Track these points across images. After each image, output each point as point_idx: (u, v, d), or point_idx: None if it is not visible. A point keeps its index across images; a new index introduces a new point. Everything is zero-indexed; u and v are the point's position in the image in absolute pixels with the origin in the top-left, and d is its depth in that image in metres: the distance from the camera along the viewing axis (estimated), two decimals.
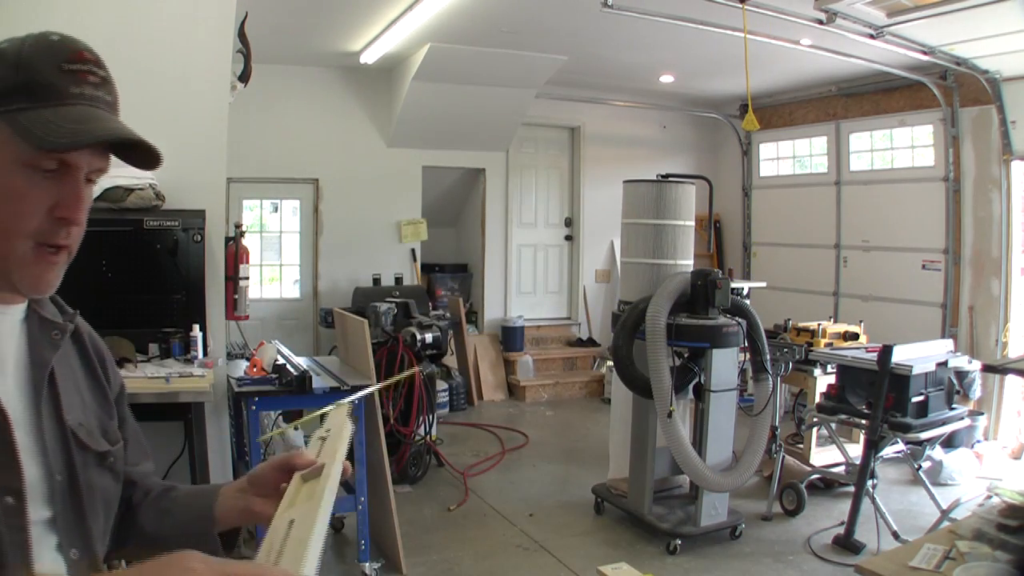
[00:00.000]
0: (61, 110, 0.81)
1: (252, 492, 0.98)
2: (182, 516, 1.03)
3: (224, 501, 1.01)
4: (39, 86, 0.81)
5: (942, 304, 6.15)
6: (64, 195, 0.84)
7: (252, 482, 0.99)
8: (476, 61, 6.05)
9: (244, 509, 0.99)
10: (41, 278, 0.85)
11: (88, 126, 0.81)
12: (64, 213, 0.84)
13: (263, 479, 0.97)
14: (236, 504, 1.00)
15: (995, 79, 5.51)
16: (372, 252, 6.90)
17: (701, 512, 3.86)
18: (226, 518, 1.01)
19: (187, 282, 3.40)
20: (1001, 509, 1.97)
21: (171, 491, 1.07)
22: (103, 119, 0.84)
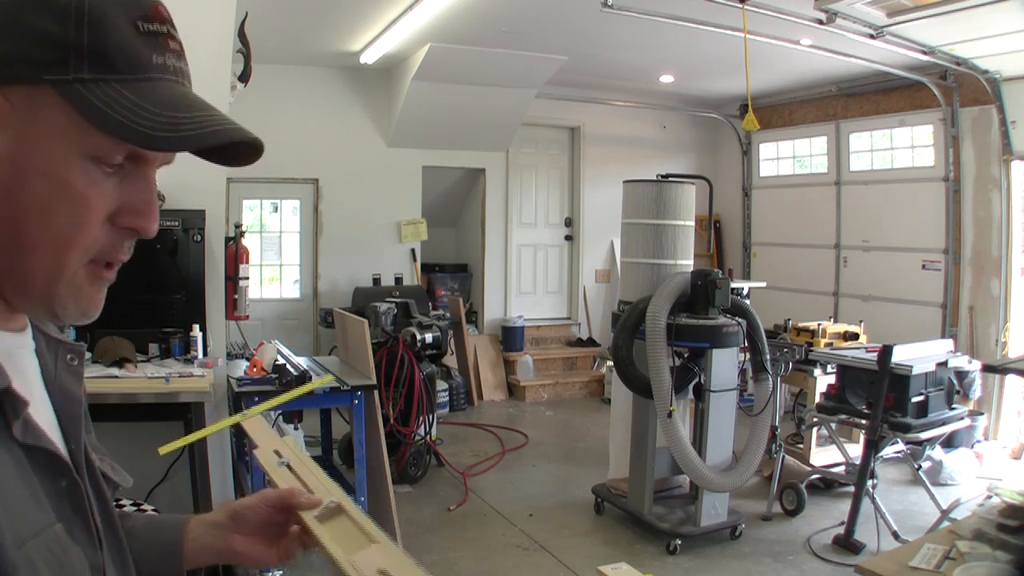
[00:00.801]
0: (144, 87, 0.60)
1: (234, 529, 0.86)
2: (141, 555, 0.82)
3: (196, 537, 0.86)
4: (112, 50, 0.59)
5: (942, 304, 6.15)
6: (133, 197, 0.64)
7: (236, 518, 0.86)
8: (476, 61, 6.05)
9: (224, 549, 0.86)
10: (92, 301, 0.66)
11: (194, 116, 0.61)
12: (134, 222, 0.64)
13: (251, 516, 0.86)
14: (212, 542, 0.86)
15: (995, 79, 5.51)
16: (372, 252, 6.90)
17: (701, 512, 3.86)
18: (196, 557, 0.87)
19: (187, 282, 3.40)
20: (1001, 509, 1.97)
21: (125, 520, 0.84)
22: (203, 107, 0.63)
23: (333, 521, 0.83)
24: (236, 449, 3.82)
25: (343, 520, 0.83)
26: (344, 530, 0.82)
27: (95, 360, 3.16)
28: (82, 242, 0.62)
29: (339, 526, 0.82)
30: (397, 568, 0.73)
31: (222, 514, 0.88)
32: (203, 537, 0.87)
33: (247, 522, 0.86)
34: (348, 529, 0.82)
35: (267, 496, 0.86)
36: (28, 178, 0.59)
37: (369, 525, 0.80)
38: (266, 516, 0.86)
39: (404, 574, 0.72)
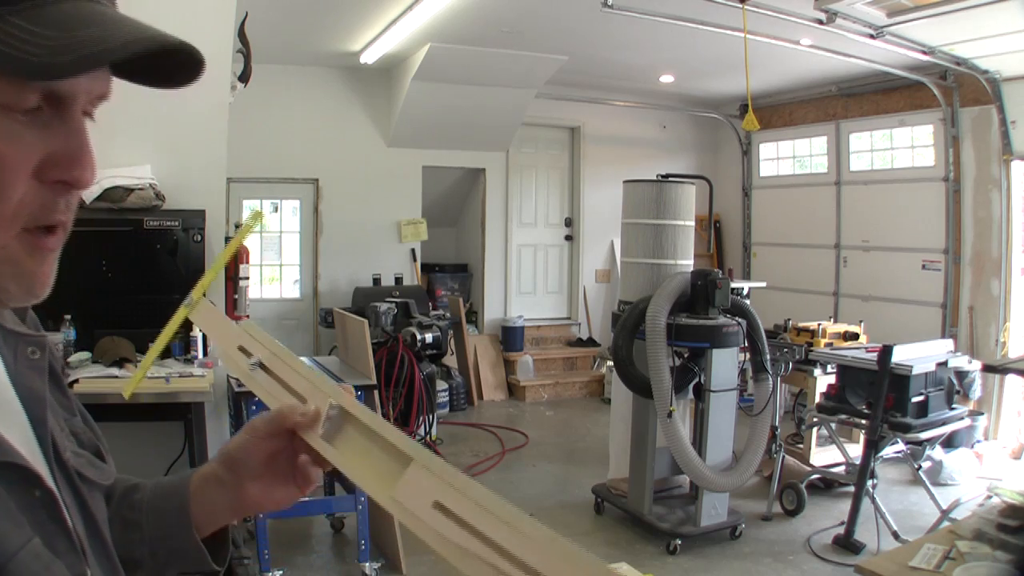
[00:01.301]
0: (43, 13, 0.49)
1: (237, 478, 0.73)
2: (153, 529, 0.74)
3: (202, 499, 0.75)
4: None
5: (942, 304, 6.15)
6: (60, 146, 0.53)
7: (234, 466, 0.73)
8: (476, 61, 6.05)
9: (234, 503, 0.74)
10: (38, 275, 0.55)
11: (99, 32, 0.50)
12: (65, 174, 0.53)
13: (249, 458, 0.72)
14: (220, 500, 0.74)
15: (995, 79, 5.51)
16: (372, 252, 6.90)
17: (701, 512, 3.86)
18: (212, 519, 0.75)
19: (187, 282, 3.39)
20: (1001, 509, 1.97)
21: (134, 493, 0.76)
22: (115, 21, 0.52)
23: (344, 436, 0.69)
24: None
25: (355, 430, 0.69)
26: (361, 447, 0.67)
27: (95, 360, 3.16)
28: (6, 210, 0.51)
29: (354, 442, 0.68)
30: (449, 492, 0.59)
31: (219, 465, 0.74)
32: (210, 496, 0.75)
33: (248, 466, 0.72)
34: (365, 446, 0.67)
35: (255, 428, 0.72)
36: None
37: (388, 429, 0.66)
38: (265, 451, 0.71)
39: (461, 501, 0.58)
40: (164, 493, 0.76)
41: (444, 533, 0.58)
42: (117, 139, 3.31)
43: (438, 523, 0.58)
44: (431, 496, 0.59)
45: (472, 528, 0.57)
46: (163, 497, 0.75)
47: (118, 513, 0.74)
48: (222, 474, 0.74)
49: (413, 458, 0.62)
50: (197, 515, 0.74)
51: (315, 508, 3.72)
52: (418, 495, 0.60)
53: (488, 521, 0.57)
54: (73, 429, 0.67)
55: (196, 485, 0.75)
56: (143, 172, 3.32)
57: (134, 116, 3.35)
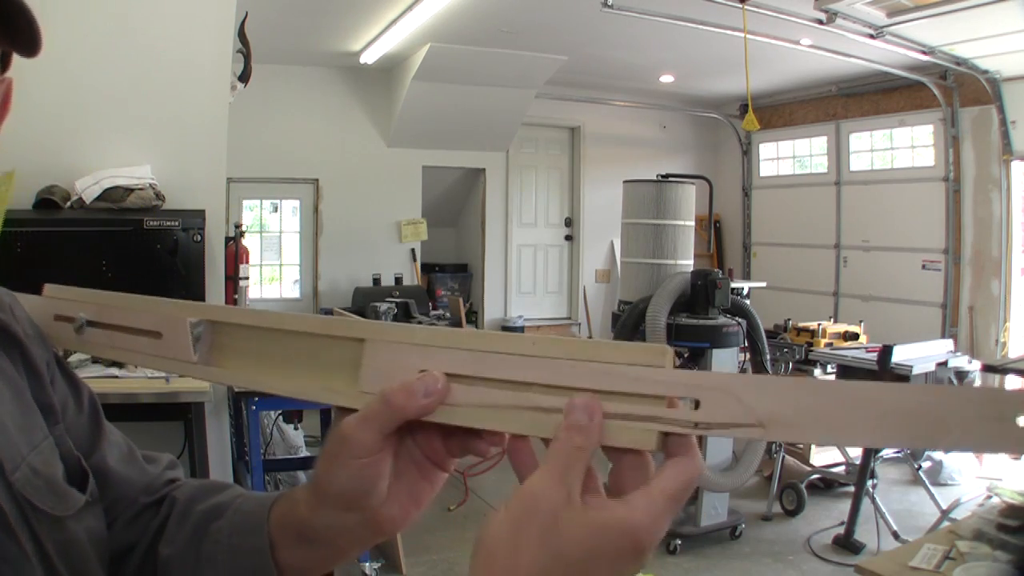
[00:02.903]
0: None
1: (365, 511, 0.53)
2: (234, 569, 0.59)
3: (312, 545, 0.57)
4: None
5: (942, 304, 6.15)
6: None
7: (352, 504, 0.52)
8: (476, 61, 6.05)
9: (369, 534, 0.55)
10: None
11: None
12: None
13: (372, 487, 0.52)
14: (345, 544, 0.57)
15: (995, 79, 5.51)
16: (372, 252, 6.90)
17: (701, 512, 3.86)
18: (328, 561, 0.60)
19: (187, 282, 3.40)
20: (1001, 509, 1.97)
21: (213, 520, 0.62)
22: None
23: (243, 351, 0.57)
24: (236, 450, 3.83)
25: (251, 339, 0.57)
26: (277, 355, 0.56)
27: (95, 360, 3.16)
28: None
29: (261, 354, 0.56)
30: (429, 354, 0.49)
31: (334, 510, 0.53)
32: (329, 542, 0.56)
33: (376, 495, 0.52)
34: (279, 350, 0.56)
35: (360, 445, 0.49)
36: None
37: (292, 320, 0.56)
38: (386, 466, 0.52)
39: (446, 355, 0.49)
40: (245, 526, 0.60)
41: (461, 401, 0.48)
42: (117, 139, 3.31)
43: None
44: (410, 370, 0.49)
45: (489, 380, 0.48)
46: (243, 533, 0.60)
47: (195, 541, 0.62)
48: (337, 519, 0.54)
49: (363, 338, 0.52)
50: (291, 559, 0.58)
51: None
52: (392, 375, 0.49)
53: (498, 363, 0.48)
54: (57, 440, 0.60)
55: (292, 529, 0.57)
56: (143, 172, 3.31)
57: (134, 116, 3.35)
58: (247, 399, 3.30)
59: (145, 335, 0.61)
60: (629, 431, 0.46)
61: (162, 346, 0.60)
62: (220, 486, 0.68)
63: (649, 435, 0.46)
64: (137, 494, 0.67)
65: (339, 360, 0.53)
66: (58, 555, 0.55)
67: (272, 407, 3.83)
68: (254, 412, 3.31)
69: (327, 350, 0.54)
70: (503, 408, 0.48)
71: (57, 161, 3.20)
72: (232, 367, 0.58)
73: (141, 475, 0.68)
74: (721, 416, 0.43)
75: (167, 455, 0.73)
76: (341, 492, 0.52)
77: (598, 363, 0.46)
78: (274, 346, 0.56)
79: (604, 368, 0.46)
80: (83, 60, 3.18)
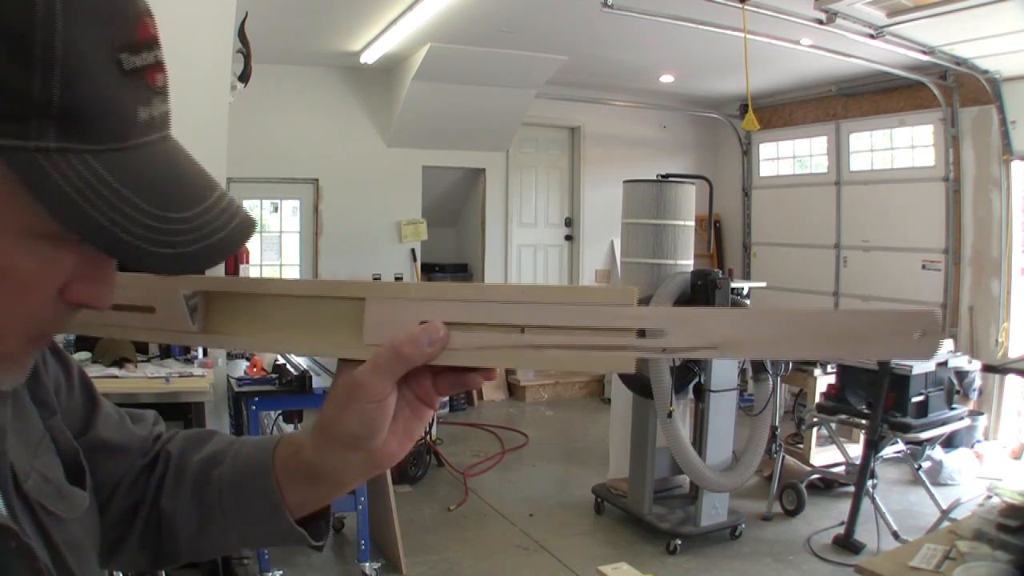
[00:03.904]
0: (126, 160, 0.44)
1: (369, 450, 0.58)
2: (239, 515, 0.65)
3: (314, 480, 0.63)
4: (89, 111, 0.42)
5: (942, 304, 6.14)
6: (89, 264, 0.48)
7: (358, 444, 0.58)
8: (476, 61, 6.05)
9: (368, 468, 0.60)
10: (23, 371, 0.51)
11: (191, 216, 0.46)
12: (87, 293, 0.48)
13: (378, 428, 0.57)
14: (348, 476, 0.62)
15: (995, 79, 5.51)
16: (372, 252, 6.90)
17: (701, 512, 3.86)
18: (326, 496, 0.65)
19: None
20: (1001, 509, 1.97)
21: (213, 467, 0.67)
22: (196, 190, 0.48)
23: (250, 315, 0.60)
24: None
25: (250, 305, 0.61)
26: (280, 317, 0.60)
27: (95, 360, 3.16)
28: (20, 329, 0.47)
29: (266, 316, 0.60)
30: (426, 307, 0.55)
31: (344, 449, 0.58)
32: (329, 475, 0.62)
33: (380, 435, 0.58)
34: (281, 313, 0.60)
35: (367, 390, 0.55)
36: None
37: (287, 285, 0.61)
38: (390, 408, 0.57)
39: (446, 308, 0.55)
40: (249, 471, 0.65)
41: (459, 346, 0.54)
42: None
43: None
44: (411, 321, 0.55)
45: (481, 325, 0.54)
46: (248, 477, 0.65)
47: (196, 490, 0.67)
48: (342, 458, 0.59)
49: (363, 296, 0.57)
50: (295, 497, 0.63)
51: None
52: (393, 328, 0.55)
53: (495, 310, 0.54)
54: (53, 434, 0.62)
55: (298, 470, 0.63)
56: None
57: None
58: (247, 399, 3.30)
59: (137, 311, 0.62)
60: (611, 359, 0.53)
61: (157, 319, 0.62)
62: (207, 435, 0.72)
63: (626, 361, 0.53)
64: (134, 458, 0.70)
65: (340, 317, 0.58)
66: (71, 557, 0.57)
67: (272, 407, 3.83)
68: (254, 412, 3.31)
69: (327, 310, 0.59)
70: (500, 348, 0.54)
71: None
72: (234, 332, 0.61)
73: (134, 439, 0.71)
74: (684, 341, 0.52)
75: (150, 412, 0.76)
76: (352, 434, 0.57)
77: (578, 304, 0.53)
78: (272, 310, 0.60)
79: (583, 309, 0.53)
80: None
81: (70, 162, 0.41)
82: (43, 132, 0.40)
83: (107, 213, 0.42)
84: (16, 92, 0.39)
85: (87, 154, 0.42)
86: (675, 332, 0.52)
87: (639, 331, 0.52)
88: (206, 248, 0.46)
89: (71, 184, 0.41)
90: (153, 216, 0.44)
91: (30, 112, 0.40)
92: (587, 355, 0.53)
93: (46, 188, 0.41)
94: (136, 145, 0.44)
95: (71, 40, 0.40)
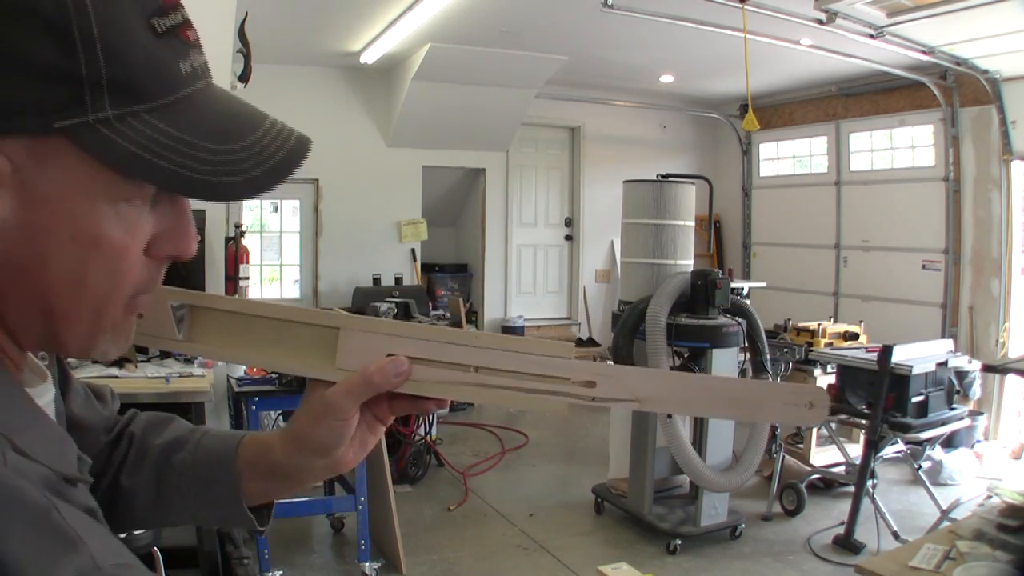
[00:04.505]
0: (182, 110, 0.48)
1: (333, 456, 0.67)
2: (196, 497, 0.72)
3: (273, 478, 0.71)
4: (138, 73, 0.46)
5: (942, 304, 6.15)
6: (169, 221, 0.52)
7: (325, 451, 0.66)
8: (476, 61, 6.05)
9: (328, 471, 0.69)
10: (128, 336, 0.55)
11: (250, 143, 0.51)
12: (173, 249, 0.54)
13: (341, 439, 0.65)
14: (307, 475, 0.70)
15: (995, 79, 5.51)
16: (372, 252, 6.90)
17: (701, 512, 3.86)
18: (278, 491, 0.74)
19: (187, 282, 3.39)
20: (1001, 509, 1.97)
21: (175, 451, 0.73)
22: (246, 119, 0.52)
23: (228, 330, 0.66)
24: None
25: (229, 322, 0.67)
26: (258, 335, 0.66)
27: (95, 360, 3.16)
28: (122, 293, 0.51)
29: (246, 333, 0.66)
30: (396, 342, 0.63)
31: (311, 456, 0.67)
32: (288, 476, 0.70)
33: (341, 446, 0.66)
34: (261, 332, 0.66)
35: (338, 409, 0.63)
36: (52, 248, 0.47)
37: (266, 307, 0.66)
38: (353, 426, 0.66)
39: (410, 344, 0.63)
40: (211, 460, 0.72)
41: (420, 378, 0.63)
42: None
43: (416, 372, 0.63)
44: (379, 352, 0.63)
45: (440, 363, 0.63)
46: (209, 466, 0.72)
47: (156, 471, 0.73)
48: (309, 462, 0.67)
49: (338, 326, 0.64)
50: (254, 489, 0.71)
51: (315, 508, 3.72)
52: (363, 357, 0.63)
53: (452, 351, 0.63)
54: None
55: (263, 467, 0.70)
56: None
57: None
58: (247, 399, 3.30)
59: None
60: (548, 402, 0.62)
61: (145, 325, 0.65)
62: (166, 419, 0.80)
63: (561, 404, 0.63)
64: (99, 435, 0.75)
65: (314, 342, 0.65)
66: None
67: (272, 407, 3.83)
68: (254, 412, 3.31)
69: (303, 333, 0.65)
70: (455, 384, 0.63)
71: None
72: (215, 344, 0.67)
73: (99, 417, 0.76)
74: (611, 393, 0.62)
75: (106, 387, 0.82)
76: (321, 443, 0.65)
77: (525, 354, 0.62)
78: (253, 328, 0.66)
79: (529, 358, 0.62)
80: None
81: (130, 124, 0.46)
82: (99, 104, 0.45)
83: (174, 159, 0.47)
84: (66, 75, 0.44)
85: (143, 113, 0.46)
86: (603, 384, 0.62)
87: (580, 381, 0.62)
88: (270, 170, 0.51)
89: (135, 142, 0.46)
90: (216, 151, 0.48)
91: (83, 90, 0.44)
92: (529, 397, 0.62)
93: (115, 152, 0.45)
94: (186, 95, 0.49)
95: (105, 18, 0.44)
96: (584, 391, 0.61)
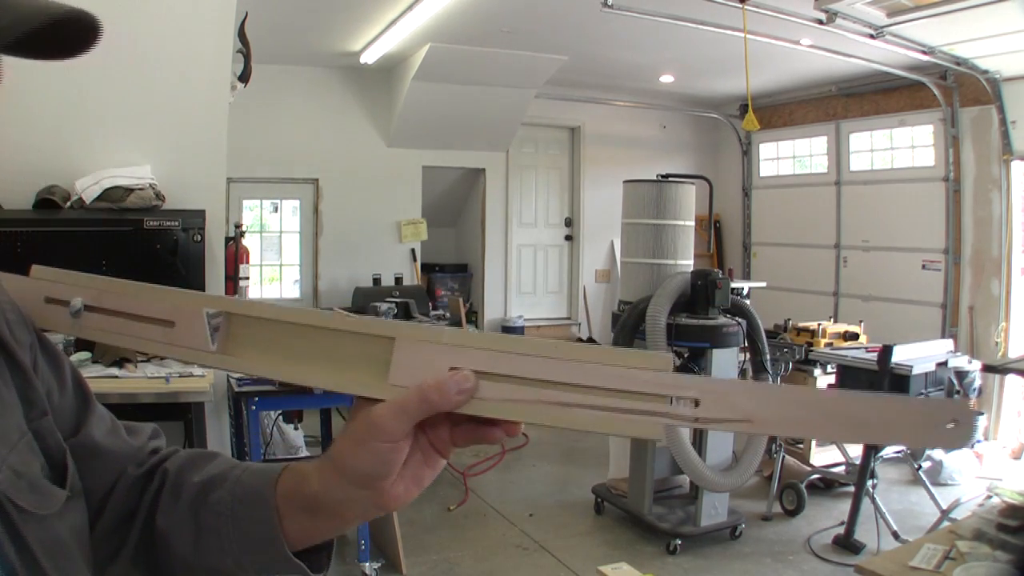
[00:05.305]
0: None
1: (378, 489, 0.57)
2: (236, 541, 0.63)
3: (316, 516, 0.61)
4: None
5: (942, 304, 6.15)
6: None
7: (368, 483, 0.57)
8: (476, 61, 6.05)
9: (373, 508, 0.59)
10: None
11: None
12: None
13: (390, 468, 0.56)
14: (351, 514, 0.61)
15: (995, 79, 5.51)
16: (372, 252, 6.90)
17: (701, 512, 3.86)
18: (326, 531, 0.64)
19: (187, 282, 3.39)
20: (1001, 509, 1.97)
21: (212, 490, 0.65)
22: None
23: (269, 342, 0.59)
24: (236, 449, 3.83)
25: (272, 332, 0.59)
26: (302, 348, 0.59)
27: (95, 360, 3.16)
28: None
29: (287, 345, 0.59)
30: (460, 353, 0.54)
31: (350, 486, 0.57)
32: (334, 514, 0.61)
33: (389, 475, 0.57)
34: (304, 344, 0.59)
35: (385, 431, 0.54)
36: None
37: (311, 316, 0.59)
38: (404, 452, 0.56)
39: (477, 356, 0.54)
40: (249, 498, 0.63)
41: (488, 396, 0.53)
42: (117, 139, 3.31)
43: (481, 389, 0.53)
44: (440, 367, 0.54)
45: (512, 377, 0.53)
46: (248, 504, 0.63)
47: (192, 512, 0.65)
48: (349, 495, 0.58)
49: (393, 336, 0.55)
50: (294, 527, 0.62)
51: None
52: (420, 371, 0.54)
53: (522, 363, 0.53)
54: (42, 433, 0.60)
55: (299, 500, 0.61)
56: (143, 172, 3.32)
57: (134, 116, 3.35)
58: (247, 399, 3.30)
59: (155, 323, 0.62)
60: (640, 424, 0.52)
61: (175, 335, 0.61)
62: (208, 456, 0.71)
63: (656, 427, 0.52)
64: (126, 465, 0.68)
65: (364, 355, 0.56)
66: (44, 556, 0.55)
67: (272, 407, 3.83)
68: (254, 412, 3.31)
69: (352, 345, 0.57)
70: (528, 403, 0.53)
71: (57, 161, 3.21)
72: (251, 358, 0.60)
73: (126, 447, 0.69)
74: (716, 413, 0.51)
75: (149, 424, 0.74)
76: (364, 472, 0.56)
77: (614, 367, 0.52)
78: (294, 339, 0.59)
79: (619, 372, 0.52)
80: (83, 61, 3.15)
81: None
82: None
83: None
84: None
85: None
86: (708, 403, 0.51)
87: (683, 399, 0.51)
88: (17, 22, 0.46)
89: None
90: None
91: None
92: (616, 418, 0.52)
93: None
94: None
95: None
96: (685, 411, 0.51)
